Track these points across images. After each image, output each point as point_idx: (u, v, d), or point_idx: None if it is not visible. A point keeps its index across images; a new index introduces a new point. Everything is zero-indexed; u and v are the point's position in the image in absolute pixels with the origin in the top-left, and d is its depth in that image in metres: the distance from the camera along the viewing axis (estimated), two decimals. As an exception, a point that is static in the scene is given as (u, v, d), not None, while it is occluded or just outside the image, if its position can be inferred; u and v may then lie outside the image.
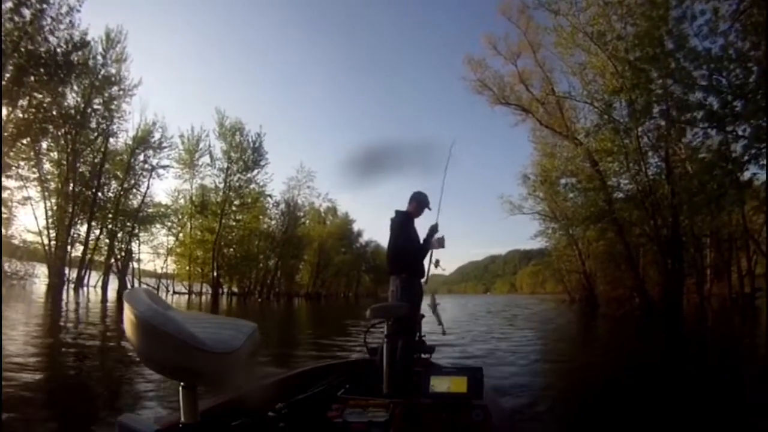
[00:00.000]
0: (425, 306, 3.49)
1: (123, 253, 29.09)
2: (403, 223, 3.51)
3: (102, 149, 25.27)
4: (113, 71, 24.41)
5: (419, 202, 3.58)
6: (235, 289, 37.20)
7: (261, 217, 37.02)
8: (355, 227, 57.64)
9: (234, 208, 33.49)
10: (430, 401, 2.07)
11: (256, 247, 36.77)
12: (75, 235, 24.93)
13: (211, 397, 1.94)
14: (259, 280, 38.56)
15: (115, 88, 24.53)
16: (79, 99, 22.94)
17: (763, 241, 20.06)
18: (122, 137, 26.69)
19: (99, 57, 23.36)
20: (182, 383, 1.01)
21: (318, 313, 20.64)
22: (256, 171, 33.27)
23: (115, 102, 24.83)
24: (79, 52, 21.43)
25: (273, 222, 39.59)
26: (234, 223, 34.14)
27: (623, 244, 19.68)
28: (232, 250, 34.57)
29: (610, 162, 19.10)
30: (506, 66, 24.12)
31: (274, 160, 72.07)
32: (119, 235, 28.11)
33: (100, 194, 25.75)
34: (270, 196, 36.37)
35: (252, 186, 33.78)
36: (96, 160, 25.14)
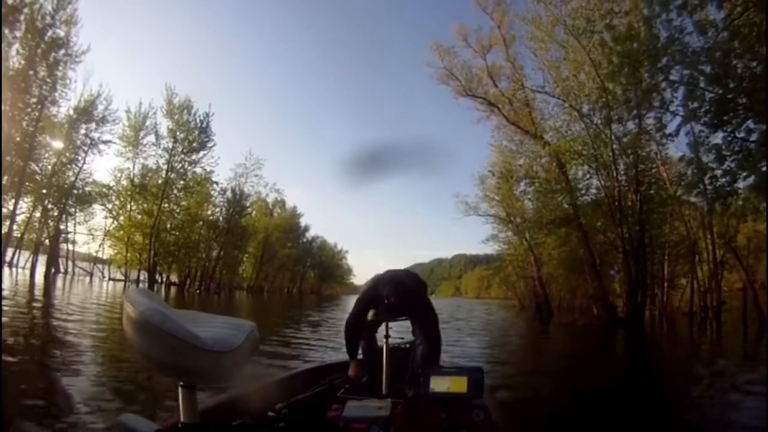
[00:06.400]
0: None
1: (53, 232, 28.06)
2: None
3: (39, 116, 24.14)
4: (61, 33, 23.43)
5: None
6: (174, 279, 36.71)
7: (205, 204, 36.61)
8: (303, 222, 58.34)
9: (176, 192, 32.92)
10: (430, 401, 2.14)
11: (198, 234, 36.23)
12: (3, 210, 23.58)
13: (211, 397, 2.08)
14: (199, 269, 38.16)
15: (62, 51, 23.62)
16: (22, 61, 22.05)
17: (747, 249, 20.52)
18: (64, 106, 25.71)
19: (48, 17, 22.49)
20: (181, 383, 1.05)
21: (262, 310, 20.59)
22: (202, 153, 32.83)
23: (60, 67, 23.93)
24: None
25: (218, 210, 39.31)
26: (176, 207, 33.51)
27: (588, 252, 19.49)
28: (172, 237, 33.76)
29: (580, 164, 19.23)
30: (475, 59, 23.75)
31: (224, 147, 70.65)
32: (55, 213, 27.10)
33: (34, 166, 24.79)
34: (216, 182, 36.21)
35: (197, 169, 33.36)
36: (31, 129, 24.11)
